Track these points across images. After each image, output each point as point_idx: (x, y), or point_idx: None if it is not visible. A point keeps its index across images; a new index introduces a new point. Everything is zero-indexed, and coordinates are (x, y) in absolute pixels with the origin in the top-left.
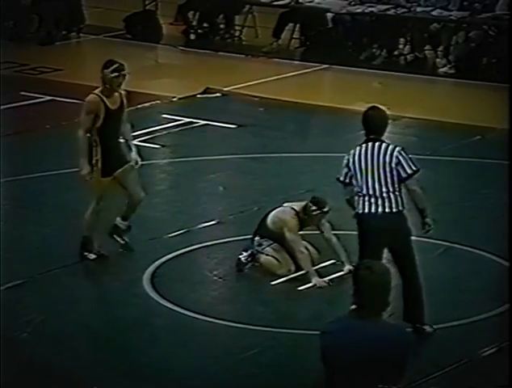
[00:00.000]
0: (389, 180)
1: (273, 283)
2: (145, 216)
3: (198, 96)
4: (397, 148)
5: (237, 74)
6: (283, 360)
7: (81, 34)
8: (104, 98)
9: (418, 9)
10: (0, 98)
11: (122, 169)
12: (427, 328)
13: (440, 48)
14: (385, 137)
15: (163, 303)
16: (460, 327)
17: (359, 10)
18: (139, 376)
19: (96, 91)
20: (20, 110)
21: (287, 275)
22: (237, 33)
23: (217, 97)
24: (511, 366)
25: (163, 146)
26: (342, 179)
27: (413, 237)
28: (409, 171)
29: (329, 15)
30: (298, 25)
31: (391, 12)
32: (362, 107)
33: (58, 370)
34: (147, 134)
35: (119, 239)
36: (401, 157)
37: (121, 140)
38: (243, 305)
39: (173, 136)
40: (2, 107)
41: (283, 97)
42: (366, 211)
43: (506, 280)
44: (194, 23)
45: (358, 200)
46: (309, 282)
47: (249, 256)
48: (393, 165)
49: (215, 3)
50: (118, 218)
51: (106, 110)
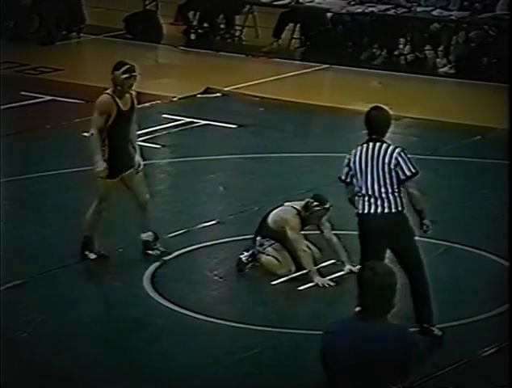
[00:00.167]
0: (388, 181)
1: (273, 283)
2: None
3: (198, 96)
4: (397, 149)
5: (238, 74)
6: (284, 360)
7: (81, 34)
8: (116, 98)
9: (418, 9)
10: (0, 98)
11: (128, 172)
12: (435, 330)
13: (440, 48)
14: (386, 137)
15: (163, 303)
16: (460, 327)
17: (359, 10)
18: (139, 376)
19: (108, 91)
20: (20, 110)
21: (288, 275)
22: (238, 33)
23: (217, 97)
24: (511, 366)
25: (163, 146)
26: (344, 178)
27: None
28: (408, 173)
29: (330, 15)
30: (298, 25)
31: (391, 12)
32: (362, 107)
33: (58, 370)
34: (147, 134)
35: (153, 252)
36: (401, 158)
37: (130, 142)
38: (243, 305)
39: (173, 136)
40: (3, 107)
41: (284, 97)
42: (365, 211)
43: (506, 280)
44: (194, 23)
45: (358, 200)
46: (310, 282)
47: (250, 256)
48: (392, 166)
49: (215, 3)
50: (142, 234)
51: (117, 111)
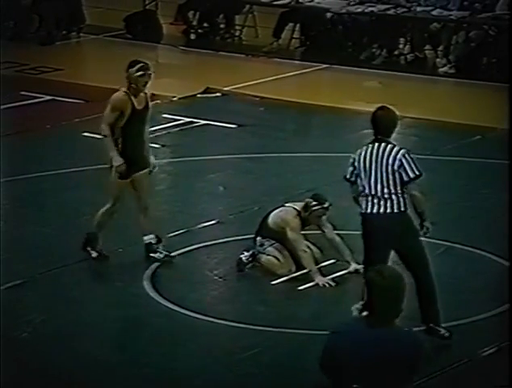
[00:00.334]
0: (391, 182)
1: (273, 283)
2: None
3: (198, 96)
4: (402, 151)
5: (238, 74)
6: (284, 359)
7: (81, 34)
8: (132, 96)
9: (418, 9)
10: (0, 97)
11: (139, 173)
12: (442, 330)
13: (440, 48)
14: (391, 138)
15: (163, 303)
16: (460, 327)
17: (359, 9)
18: (139, 376)
19: (124, 89)
20: (20, 110)
21: (288, 275)
22: (238, 33)
23: (217, 97)
24: (511, 366)
25: (163, 146)
26: (348, 177)
27: None
28: (412, 175)
29: (329, 15)
30: (298, 25)
31: (391, 12)
32: (362, 106)
33: (58, 370)
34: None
35: (156, 255)
36: (405, 160)
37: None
38: (243, 304)
39: (173, 136)
40: (3, 106)
41: (284, 97)
42: (368, 211)
43: (506, 280)
44: (194, 23)
45: (361, 200)
46: (310, 281)
47: (250, 256)
48: (396, 167)
49: (215, 3)
50: (144, 237)
51: (132, 109)
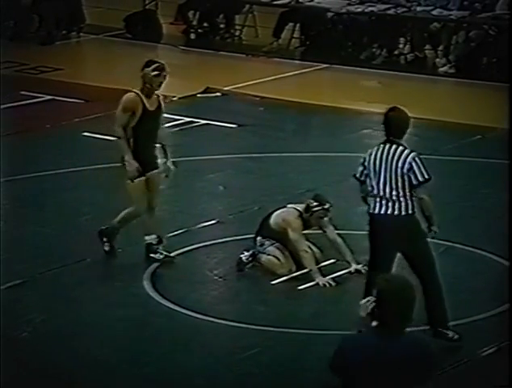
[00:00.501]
0: (400, 184)
1: (273, 282)
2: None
3: (198, 96)
4: (412, 154)
5: (238, 74)
6: (284, 359)
7: (81, 33)
8: (143, 97)
9: (418, 8)
10: (0, 97)
11: (151, 173)
12: (450, 333)
13: (440, 48)
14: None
15: (163, 303)
16: (460, 327)
17: (359, 9)
18: (139, 375)
19: (135, 90)
20: (20, 109)
21: (288, 275)
22: (237, 33)
23: (217, 96)
24: (511, 366)
25: (163, 146)
26: (358, 176)
27: None
28: (421, 179)
29: (329, 15)
30: (298, 25)
31: (391, 12)
32: (362, 106)
33: (58, 370)
34: None
35: (156, 256)
36: (414, 163)
37: (157, 144)
38: (243, 304)
39: (173, 135)
40: (3, 106)
41: (284, 96)
42: (376, 211)
43: (506, 280)
44: (194, 23)
45: (370, 200)
46: (310, 281)
47: (250, 256)
48: (405, 170)
49: (215, 3)
50: (146, 237)
51: (143, 110)
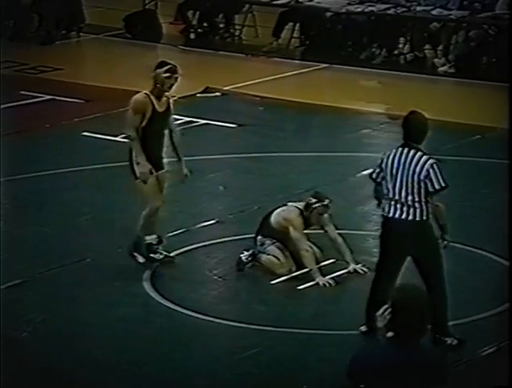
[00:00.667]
0: (416, 190)
1: (273, 282)
2: None
3: (198, 95)
4: (430, 161)
5: (237, 74)
6: (283, 359)
7: (81, 33)
8: (153, 98)
9: (418, 8)
10: (0, 97)
11: (159, 172)
12: (448, 340)
13: (440, 48)
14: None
15: (163, 303)
16: (460, 327)
17: (359, 9)
18: (139, 375)
19: (146, 91)
20: (20, 109)
21: (288, 274)
22: (237, 32)
23: (217, 96)
24: (511, 366)
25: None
26: (374, 177)
27: None
28: (437, 187)
29: (329, 14)
30: (298, 24)
31: (390, 11)
32: (362, 106)
33: (58, 370)
34: None
35: (156, 256)
36: (432, 170)
37: (165, 145)
38: (243, 304)
39: None
40: (3, 106)
41: (283, 96)
42: (390, 215)
43: (506, 280)
44: (194, 23)
45: (385, 203)
46: (310, 281)
47: (250, 255)
48: (422, 177)
49: (215, 2)
50: (146, 237)
51: (152, 111)
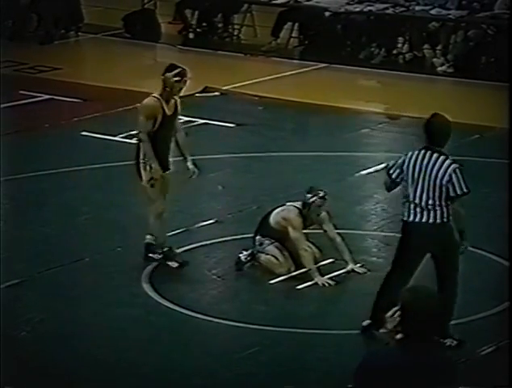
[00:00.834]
0: (437, 194)
1: (272, 282)
2: (144, 215)
3: (196, 95)
4: (453, 165)
5: (236, 73)
6: (283, 358)
7: (79, 33)
8: (163, 102)
9: (417, 8)
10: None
11: (165, 173)
12: (448, 341)
13: (439, 47)
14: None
15: (162, 302)
16: (459, 326)
17: (358, 9)
18: (138, 375)
19: (156, 95)
20: (19, 109)
21: (287, 274)
22: (236, 32)
23: (216, 96)
24: (511, 365)
25: None
26: (394, 178)
27: None
28: (459, 192)
29: (328, 14)
30: (297, 24)
31: (389, 11)
32: (360, 106)
33: (57, 369)
34: None
35: (154, 256)
36: (454, 175)
37: (171, 146)
38: (242, 304)
39: None
40: (2, 106)
41: (282, 96)
42: (411, 219)
43: (506, 280)
44: (193, 22)
45: (404, 206)
46: (309, 281)
47: (249, 255)
48: (444, 182)
49: (213, 2)
50: (147, 236)
51: (163, 115)
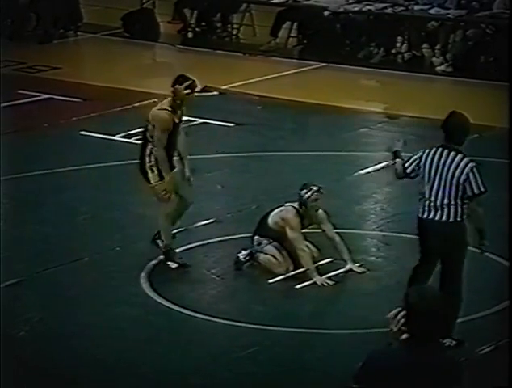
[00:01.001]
0: (453, 193)
1: (271, 281)
2: (143, 214)
3: (195, 94)
4: (470, 164)
5: (235, 73)
6: (281, 358)
7: (78, 32)
8: (173, 114)
9: (416, 7)
10: None
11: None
12: (447, 341)
13: (438, 47)
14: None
15: (161, 302)
16: (459, 326)
17: (357, 8)
18: (137, 374)
19: (166, 107)
20: (18, 108)
21: (286, 274)
22: (235, 31)
23: (215, 95)
24: (510, 365)
25: None
26: (409, 172)
27: (412, 236)
28: (476, 191)
29: (327, 14)
30: (295, 23)
31: (388, 10)
32: (360, 105)
33: (56, 369)
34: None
35: (172, 264)
36: (472, 175)
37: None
38: (241, 303)
39: None
40: (1, 105)
41: (281, 95)
42: (425, 216)
43: (506, 280)
44: (191, 22)
45: (420, 203)
46: (308, 280)
47: (247, 255)
48: (461, 181)
49: (212, 2)
50: (159, 242)
51: (173, 124)
